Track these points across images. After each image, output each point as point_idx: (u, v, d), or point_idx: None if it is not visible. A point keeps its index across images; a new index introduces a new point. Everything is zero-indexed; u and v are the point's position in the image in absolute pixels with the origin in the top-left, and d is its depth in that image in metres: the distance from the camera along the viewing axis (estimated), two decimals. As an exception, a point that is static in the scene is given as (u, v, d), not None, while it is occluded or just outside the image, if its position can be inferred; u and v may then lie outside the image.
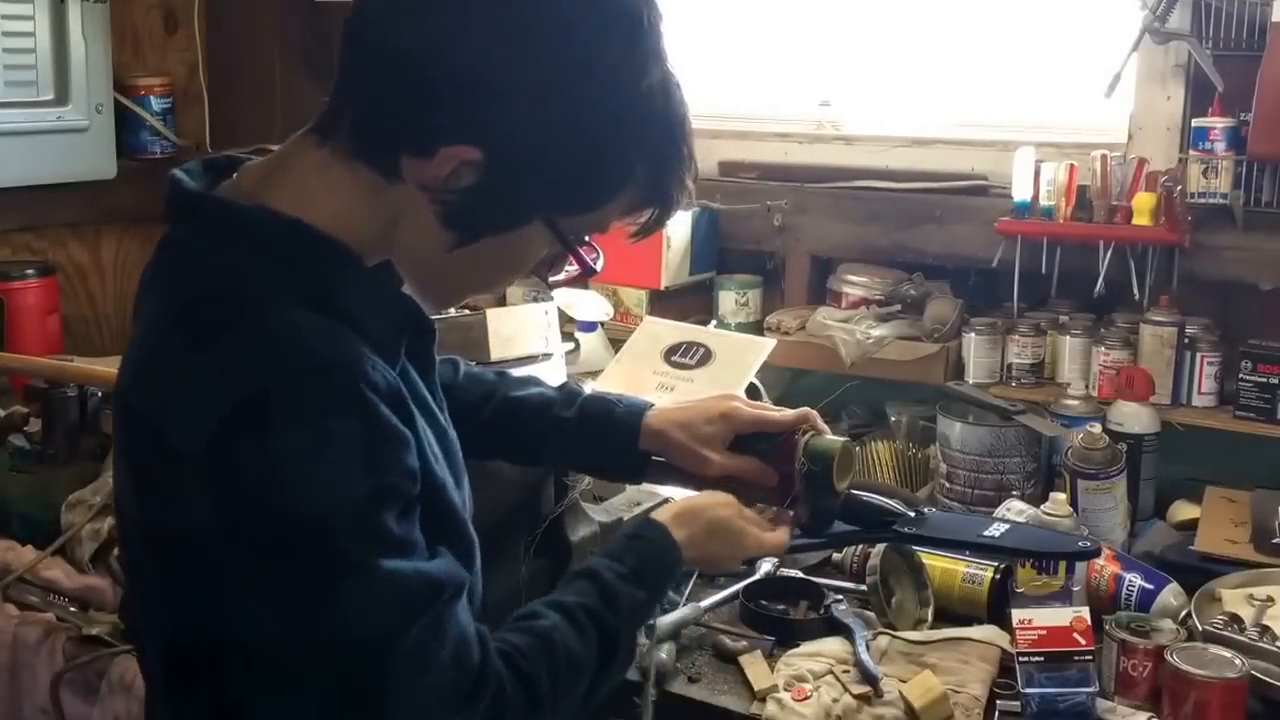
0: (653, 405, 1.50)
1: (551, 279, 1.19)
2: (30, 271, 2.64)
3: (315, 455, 0.95)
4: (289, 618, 0.98)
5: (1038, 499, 1.90)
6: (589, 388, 1.56)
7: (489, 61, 1.00)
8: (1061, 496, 1.81)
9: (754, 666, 1.56)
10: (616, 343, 2.32)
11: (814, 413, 1.49)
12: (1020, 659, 1.50)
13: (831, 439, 1.47)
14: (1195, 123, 2.02)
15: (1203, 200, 2.00)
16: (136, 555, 1.10)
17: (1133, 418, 1.99)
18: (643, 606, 1.25)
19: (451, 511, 1.09)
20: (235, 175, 1.12)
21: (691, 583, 1.78)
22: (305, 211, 1.05)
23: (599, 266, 1.13)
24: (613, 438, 1.47)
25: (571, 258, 1.12)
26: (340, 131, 1.07)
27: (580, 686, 1.14)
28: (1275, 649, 1.50)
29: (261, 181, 1.10)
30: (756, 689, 1.53)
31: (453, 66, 1.01)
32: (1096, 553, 1.58)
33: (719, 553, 1.38)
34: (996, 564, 1.70)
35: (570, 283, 1.17)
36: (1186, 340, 2.06)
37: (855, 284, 2.34)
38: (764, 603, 1.71)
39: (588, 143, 1.04)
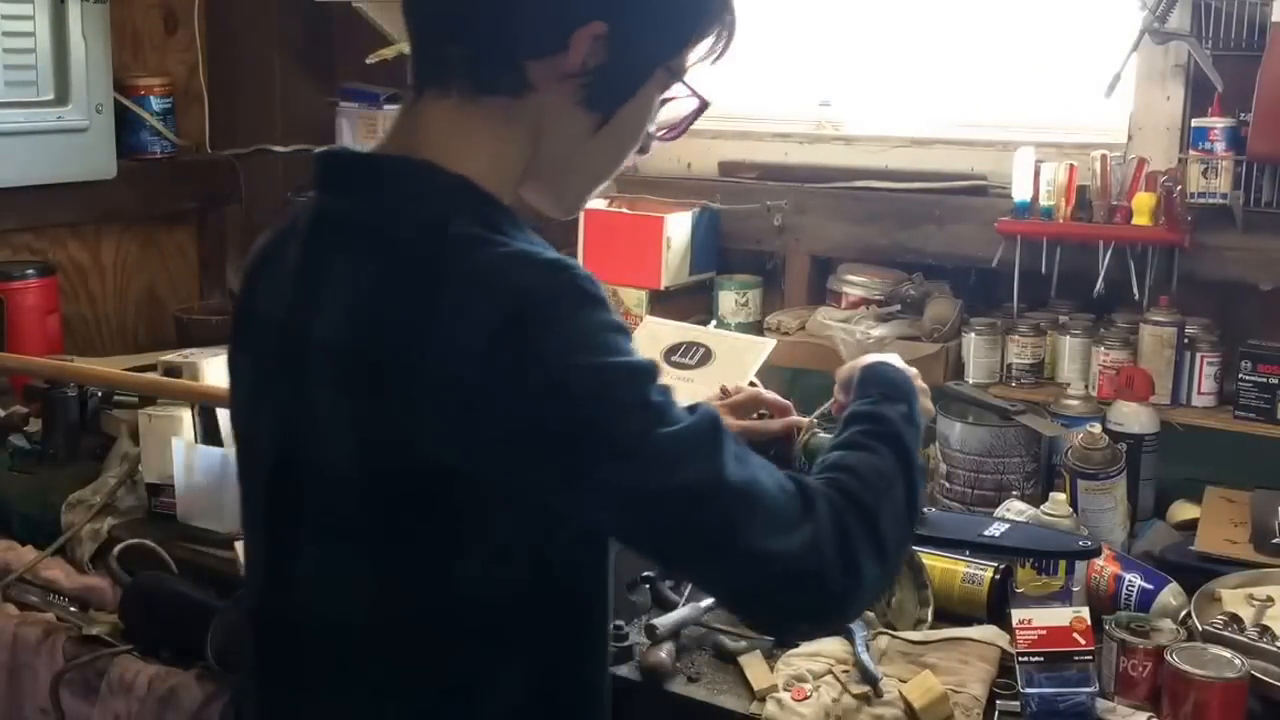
0: None
1: (668, 134, 1.22)
2: (30, 271, 2.64)
3: (588, 343, 1.00)
4: (620, 494, 1.01)
5: (1037, 499, 1.90)
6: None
7: None
8: (1061, 496, 1.81)
9: (754, 666, 1.56)
10: (616, 343, 2.32)
11: (758, 391, 1.52)
12: (1020, 659, 1.50)
13: (830, 438, 1.47)
14: (1195, 123, 2.02)
15: (1202, 200, 2.00)
16: (344, 525, 1.08)
17: (1132, 418, 1.99)
18: (907, 417, 1.26)
19: None
20: (370, 151, 1.15)
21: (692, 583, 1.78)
22: (459, 164, 1.09)
23: (710, 99, 1.19)
24: None
25: (691, 94, 1.18)
26: (455, 75, 1.10)
27: (897, 493, 1.15)
28: (1275, 649, 1.50)
29: (402, 149, 1.12)
30: (756, 689, 1.53)
31: None
32: (1096, 553, 1.58)
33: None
34: (996, 564, 1.70)
35: (684, 125, 1.23)
36: (1186, 340, 2.06)
37: (855, 284, 2.34)
38: (764, 603, 1.70)
39: None
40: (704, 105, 1.19)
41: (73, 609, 2.00)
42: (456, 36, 1.10)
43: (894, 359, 1.40)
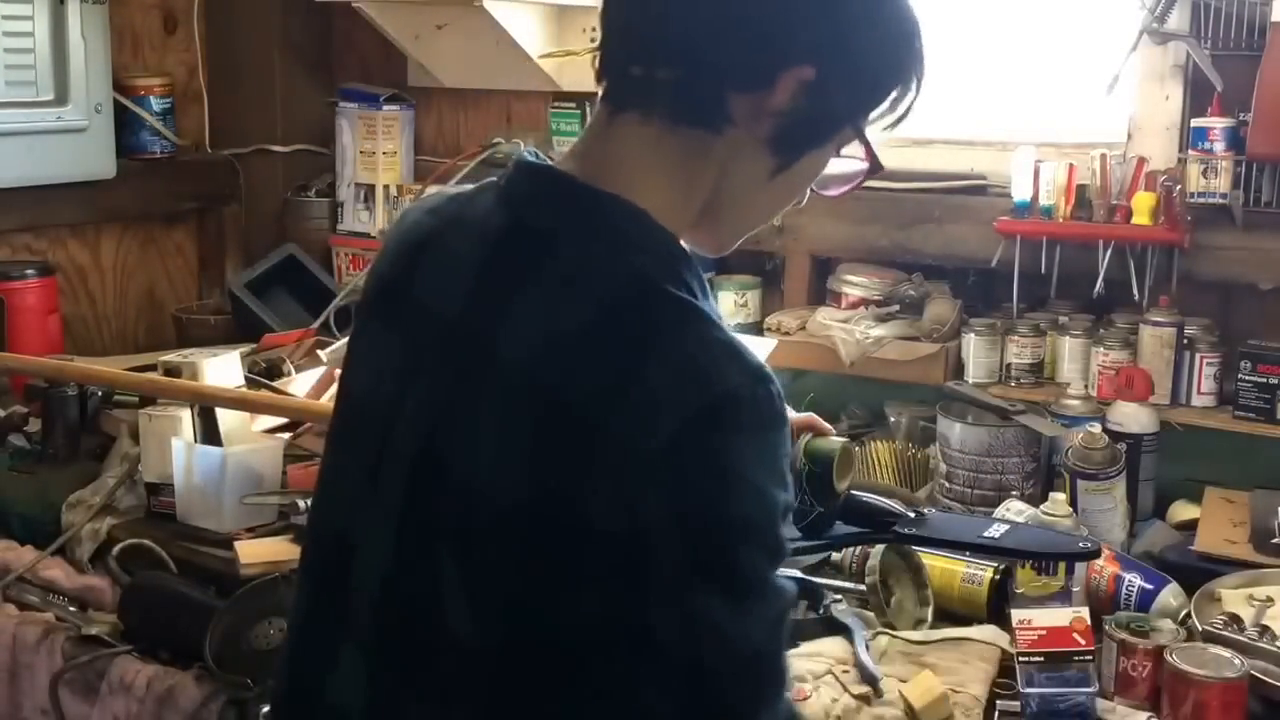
0: None
1: (833, 192, 1.22)
2: (30, 271, 2.64)
3: (762, 464, 1.00)
4: (702, 620, 0.99)
5: (1037, 499, 1.90)
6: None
7: None
8: (1061, 497, 1.82)
9: (753, 666, 1.56)
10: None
11: (817, 418, 1.50)
12: (1020, 659, 1.50)
13: (831, 440, 1.47)
14: (1194, 122, 2.02)
15: (1202, 200, 2.00)
16: (482, 542, 1.05)
17: (1132, 418, 1.99)
18: None
19: None
20: (564, 164, 1.13)
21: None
22: (648, 200, 1.08)
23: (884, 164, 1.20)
24: None
25: (866, 156, 1.19)
26: (659, 100, 1.08)
27: None
28: (1275, 649, 1.50)
29: (595, 173, 1.10)
30: (756, 689, 1.52)
31: None
32: (1096, 553, 1.57)
33: None
34: (996, 564, 1.70)
35: (851, 188, 1.23)
36: (1186, 340, 2.06)
37: (855, 284, 2.34)
38: (763, 603, 1.70)
39: (886, 43, 1.13)
40: (876, 169, 1.19)
41: (72, 609, 2.00)
42: (668, 59, 1.08)
43: None
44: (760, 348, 2.14)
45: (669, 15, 1.08)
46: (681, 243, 1.10)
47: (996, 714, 1.49)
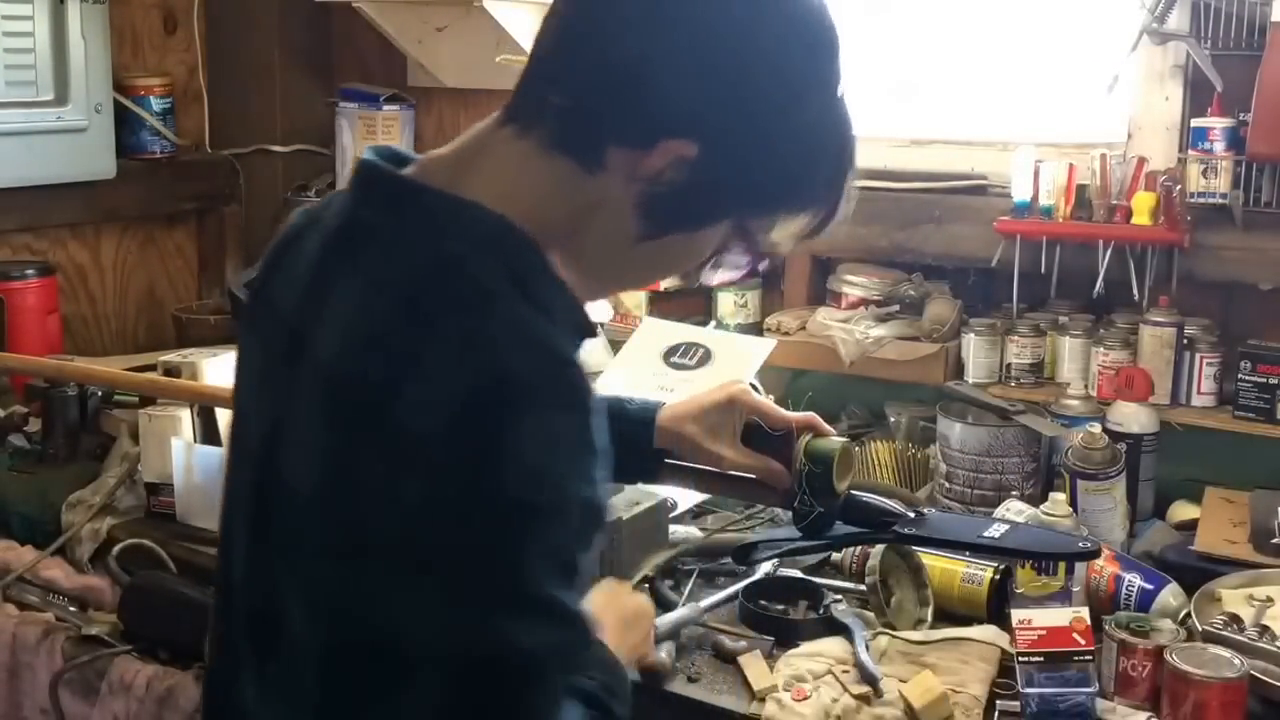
0: (663, 404, 1.51)
1: (717, 279, 1.20)
2: (30, 271, 2.64)
3: (551, 449, 0.97)
4: (460, 614, 0.97)
5: (1037, 499, 1.90)
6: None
7: (715, 61, 1.04)
8: (1061, 497, 1.81)
9: (753, 667, 1.56)
10: (616, 344, 2.32)
11: (817, 418, 1.50)
12: (1020, 659, 1.50)
13: (831, 440, 1.48)
14: (1194, 123, 2.02)
15: (1202, 200, 2.00)
16: (304, 534, 1.06)
17: (1132, 418, 1.99)
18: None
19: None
20: (418, 164, 1.12)
21: (691, 582, 1.78)
22: (504, 204, 1.06)
23: (764, 268, 1.16)
24: (628, 437, 1.45)
25: (748, 257, 1.15)
26: (544, 124, 1.07)
27: None
28: (1275, 649, 1.50)
29: (454, 171, 1.09)
30: (756, 689, 1.53)
31: (683, 63, 1.03)
32: (1096, 553, 1.58)
33: (636, 639, 1.41)
34: (996, 564, 1.70)
35: (726, 282, 1.19)
36: (1186, 340, 2.06)
37: (855, 284, 2.34)
38: (763, 603, 1.71)
39: (791, 148, 1.08)
40: (753, 274, 1.17)
41: (72, 609, 2.01)
42: (563, 88, 1.07)
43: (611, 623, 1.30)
44: (760, 348, 2.14)
45: (577, 48, 1.08)
46: (523, 234, 1.05)
47: (996, 714, 1.49)
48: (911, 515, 1.52)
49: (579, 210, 1.08)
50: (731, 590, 1.75)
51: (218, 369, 2.15)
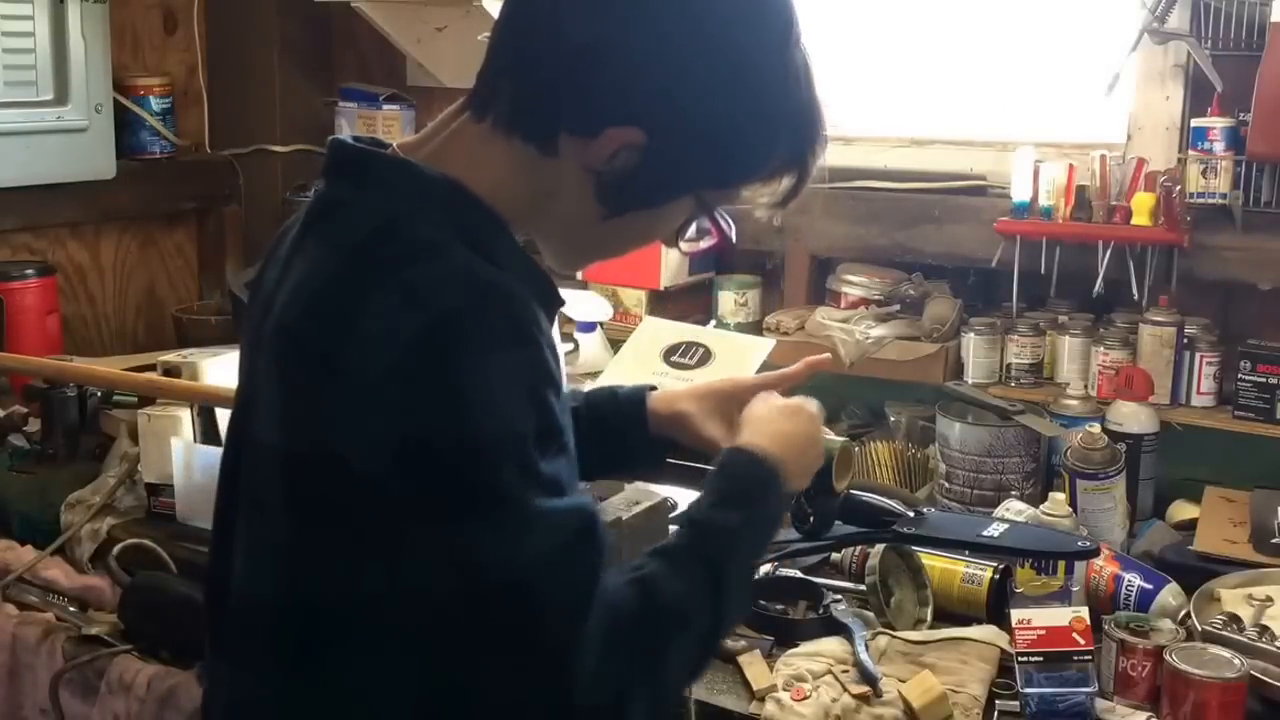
0: (655, 387, 1.49)
1: (686, 247, 1.22)
2: (30, 271, 2.64)
3: (496, 381, 0.98)
4: (445, 548, 0.99)
5: (1037, 499, 1.90)
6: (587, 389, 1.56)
7: (658, 49, 1.06)
8: (1060, 496, 1.82)
9: (753, 666, 1.56)
10: (616, 343, 2.32)
11: (817, 361, 1.49)
12: (1019, 659, 1.50)
13: (831, 439, 1.47)
14: (1194, 123, 2.03)
15: (1202, 200, 2.00)
16: (265, 497, 1.08)
17: (1132, 418, 1.99)
18: (740, 529, 1.17)
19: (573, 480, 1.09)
20: (390, 149, 1.15)
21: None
22: (465, 178, 1.09)
23: (734, 235, 1.18)
24: (620, 419, 1.44)
25: (712, 227, 1.17)
26: (498, 107, 1.11)
27: (695, 628, 1.10)
28: (1274, 649, 1.50)
29: (421, 154, 1.13)
30: (755, 689, 1.53)
31: (625, 53, 1.06)
32: (1095, 553, 1.58)
33: (808, 452, 1.33)
34: (995, 564, 1.70)
35: (703, 251, 1.21)
36: (1185, 340, 2.06)
37: (854, 284, 2.34)
38: (763, 603, 1.70)
39: (742, 123, 1.10)
40: (722, 243, 1.18)
41: (72, 609, 2.00)
42: (513, 76, 1.10)
43: (766, 435, 1.27)
44: (760, 348, 2.14)
45: (525, 36, 1.11)
46: (473, 195, 1.08)
47: (996, 714, 1.49)
48: (911, 515, 1.52)
49: (540, 191, 1.12)
50: (731, 590, 1.74)
51: (218, 369, 2.15)
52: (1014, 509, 1.84)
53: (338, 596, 1.05)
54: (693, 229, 1.19)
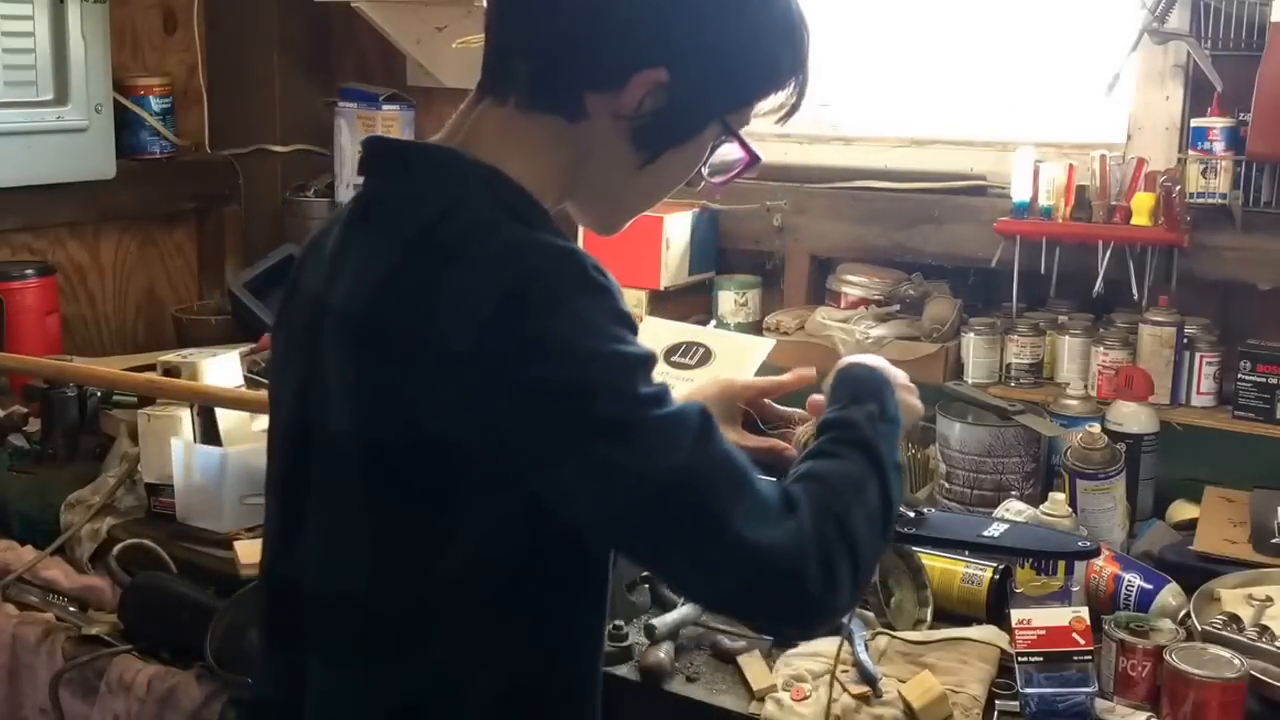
0: None
1: (719, 179, 1.25)
2: (30, 271, 2.64)
3: (589, 328, 1.02)
4: (604, 475, 1.02)
5: (1037, 499, 1.90)
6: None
7: None
8: (1060, 496, 1.81)
9: (753, 666, 1.56)
10: (616, 343, 2.32)
11: (812, 373, 1.50)
12: (1019, 659, 1.50)
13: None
14: (1194, 123, 2.02)
15: (1202, 200, 2.00)
16: (345, 489, 1.10)
17: (1132, 418, 1.99)
18: (876, 416, 1.21)
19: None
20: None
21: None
22: (500, 167, 1.11)
23: (762, 155, 1.21)
24: None
25: (742, 149, 1.20)
26: (518, 87, 1.13)
27: (869, 496, 1.13)
28: (1274, 649, 1.50)
29: (448, 142, 1.16)
30: (755, 689, 1.53)
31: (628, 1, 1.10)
32: (1095, 553, 1.57)
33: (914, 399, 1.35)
34: (995, 564, 1.70)
35: (733, 178, 1.25)
36: (1185, 340, 2.06)
37: (854, 284, 2.34)
38: (763, 603, 1.70)
39: (751, 36, 1.15)
40: (753, 161, 1.21)
41: (72, 609, 2.00)
42: (525, 52, 1.13)
43: (869, 359, 1.34)
44: (760, 347, 2.14)
45: (531, 12, 1.14)
46: (510, 178, 1.11)
47: (996, 714, 1.49)
48: (911, 515, 1.51)
49: (574, 159, 1.15)
50: (731, 590, 1.74)
51: (218, 369, 2.15)
52: (1014, 509, 1.84)
53: (430, 578, 1.08)
54: (719, 161, 1.22)
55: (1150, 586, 1.67)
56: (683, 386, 2.03)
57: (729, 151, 1.22)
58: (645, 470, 1.01)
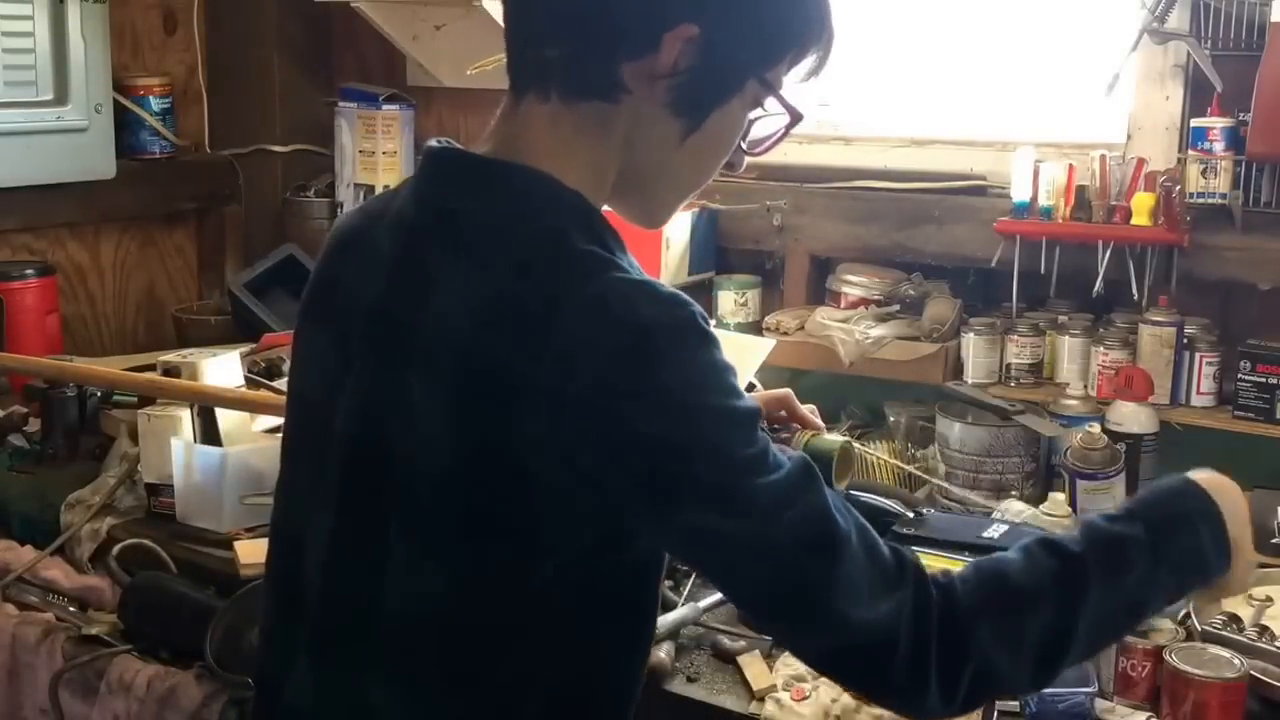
0: None
1: (758, 149, 1.23)
2: (30, 271, 2.64)
3: (700, 383, 1.03)
4: (709, 539, 1.04)
5: (1036, 499, 1.90)
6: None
7: None
8: (1060, 497, 1.81)
9: (753, 666, 1.56)
10: (616, 343, 2.32)
11: (791, 394, 1.51)
12: (1019, 659, 1.50)
13: (830, 439, 1.48)
14: (1194, 123, 2.03)
15: (1202, 200, 2.00)
16: (427, 517, 1.09)
17: (1131, 418, 1.99)
18: (1157, 557, 1.16)
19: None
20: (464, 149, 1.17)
21: (691, 582, 1.78)
22: (560, 172, 1.11)
23: (804, 111, 1.19)
24: None
25: (784, 108, 1.18)
26: (555, 77, 1.12)
27: (1040, 619, 1.10)
28: (1274, 649, 1.50)
29: (503, 152, 1.14)
30: (755, 689, 1.53)
31: None
32: (1095, 553, 1.57)
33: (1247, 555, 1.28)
34: (995, 564, 1.69)
35: (777, 141, 1.23)
36: (1185, 340, 2.06)
37: (854, 284, 2.34)
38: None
39: None
40: (796, 119, 1.19)
41: (72, 609, 2.00)
42: (555, 38, 1.12)
43: (1222, 480, 1.30)
44: (760, 347, 2.14)
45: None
46: (589, 200, 1.11)
47: (996, 714, 1.49)
48: (911, 515, 1.52)
49: (620, 142, 1.14)
50: (731, 590, 1.74)
51: (218, 369, 2.15)
52: (1013, 509, 1.84)
53: (509, 602, 1.08)
54: (756, 136, 1.21)
55: (1150, 586, 1.67)
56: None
57: (765, 127, 1.20)
58: (739, 534, 1.02)
